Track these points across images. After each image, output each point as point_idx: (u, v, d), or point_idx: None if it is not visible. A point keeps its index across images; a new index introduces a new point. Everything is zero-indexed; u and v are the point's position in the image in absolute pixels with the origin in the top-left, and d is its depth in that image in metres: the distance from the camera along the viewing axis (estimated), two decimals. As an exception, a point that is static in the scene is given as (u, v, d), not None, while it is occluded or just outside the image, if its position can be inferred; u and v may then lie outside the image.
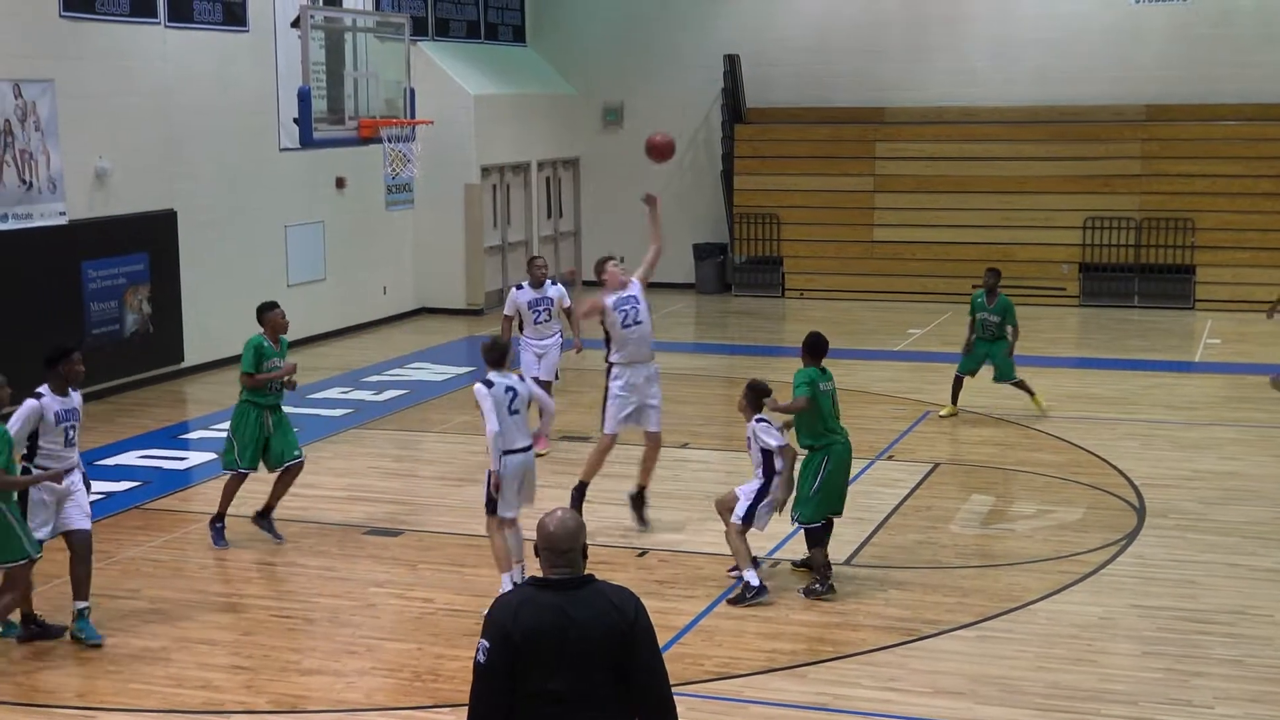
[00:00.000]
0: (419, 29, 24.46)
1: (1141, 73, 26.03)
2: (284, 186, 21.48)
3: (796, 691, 8.98)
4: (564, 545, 5.11)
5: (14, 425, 9.64)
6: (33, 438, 9.76)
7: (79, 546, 9.93)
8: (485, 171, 25.57)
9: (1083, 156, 25.88)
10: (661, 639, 9.63)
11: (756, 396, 10.72)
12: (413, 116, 19.60)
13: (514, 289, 15.58)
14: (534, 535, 5.24)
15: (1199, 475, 14.18)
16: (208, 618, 10.41)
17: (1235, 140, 25.48)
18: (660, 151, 12.87)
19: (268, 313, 12.15)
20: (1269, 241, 24.91)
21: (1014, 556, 11.73)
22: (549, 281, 15.63)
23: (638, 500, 12.50)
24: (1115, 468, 14.35)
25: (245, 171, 20.64)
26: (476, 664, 5.08)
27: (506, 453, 10.40)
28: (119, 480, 14.22)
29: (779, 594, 10.79)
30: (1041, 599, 10.64)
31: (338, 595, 10.96)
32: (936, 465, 14.54)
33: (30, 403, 9.76)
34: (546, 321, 15.46)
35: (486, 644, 5.05)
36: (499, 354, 10.81)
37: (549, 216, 28.18)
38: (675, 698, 5.27)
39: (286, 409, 12.32)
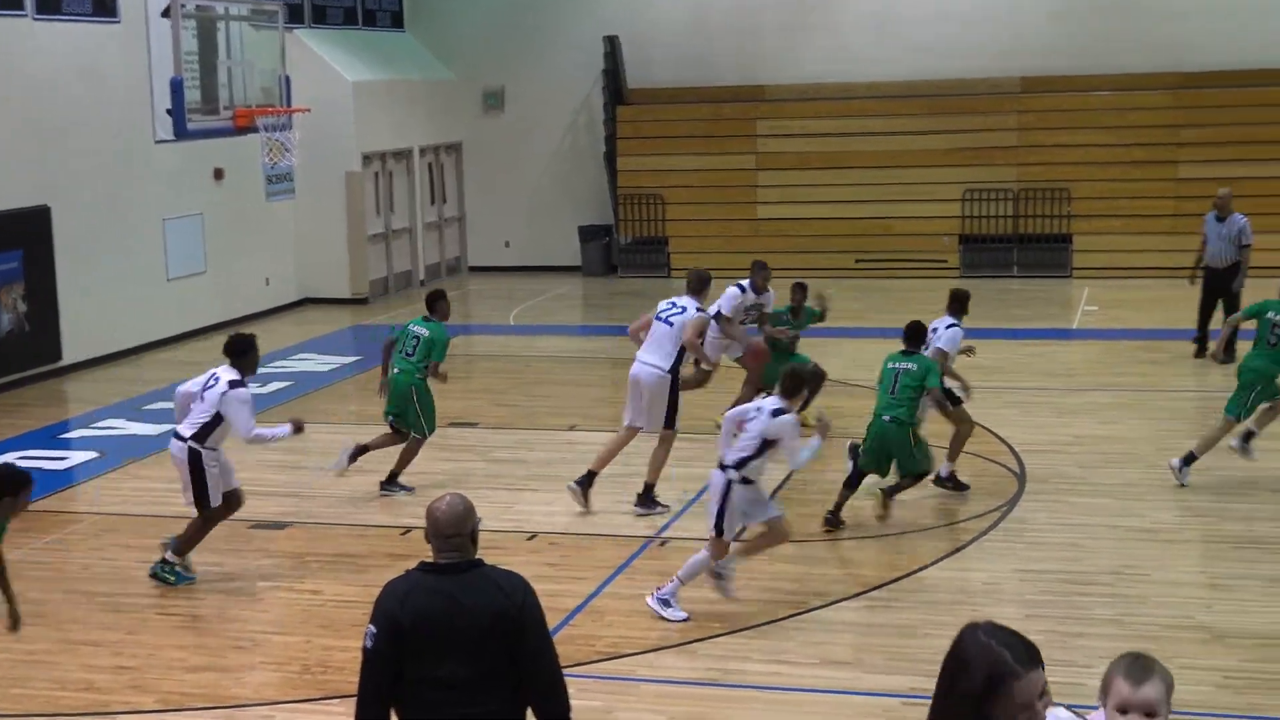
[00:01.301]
0: (295, 16, 24.18)
1: (1016, 45, 26.38)
2: (161, 179, 21.17)
3: (686, 668, 9.05)
4: (449, 530, 5.12)
5: (248, 415, 10.75)
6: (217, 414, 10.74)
7: (238, 503, 11.15)
8: (366, 159, 25.38)
9: (960, 129, 26.21)
10: (552, 621, 9.65)
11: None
12: (289, 105, 19.39)
13: (737, 290, 14.83)
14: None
15: (1078, 440, 14.45)
16: (92, 619, 10.27)
17: (1109, 110, 25.94)
18: (756, 356, 14.07)
19: (443, 300, 13.43)
20: (1142, 209, 25.39)
21: (899, 526, 11.88)
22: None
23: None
24: (997, 435, 14.56)
25: (121, 165, 20.31)
26: (364, 650, 5.08)
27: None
28: (-3, 482, 13.93)
29: (668, 574, 10.84)
30: (926, 567, 10.80)
31: (225, 591, 10.85)
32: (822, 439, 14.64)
33: (245, 391, 10.81)
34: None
35: (374, 630, 5.06)
36: (801, 383, 10.40)
37: (432, 203, 28.03)
38: (566, 679, 5.30)
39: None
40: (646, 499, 12.42)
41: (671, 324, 12.40)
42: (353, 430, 15.80)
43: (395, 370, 13.27)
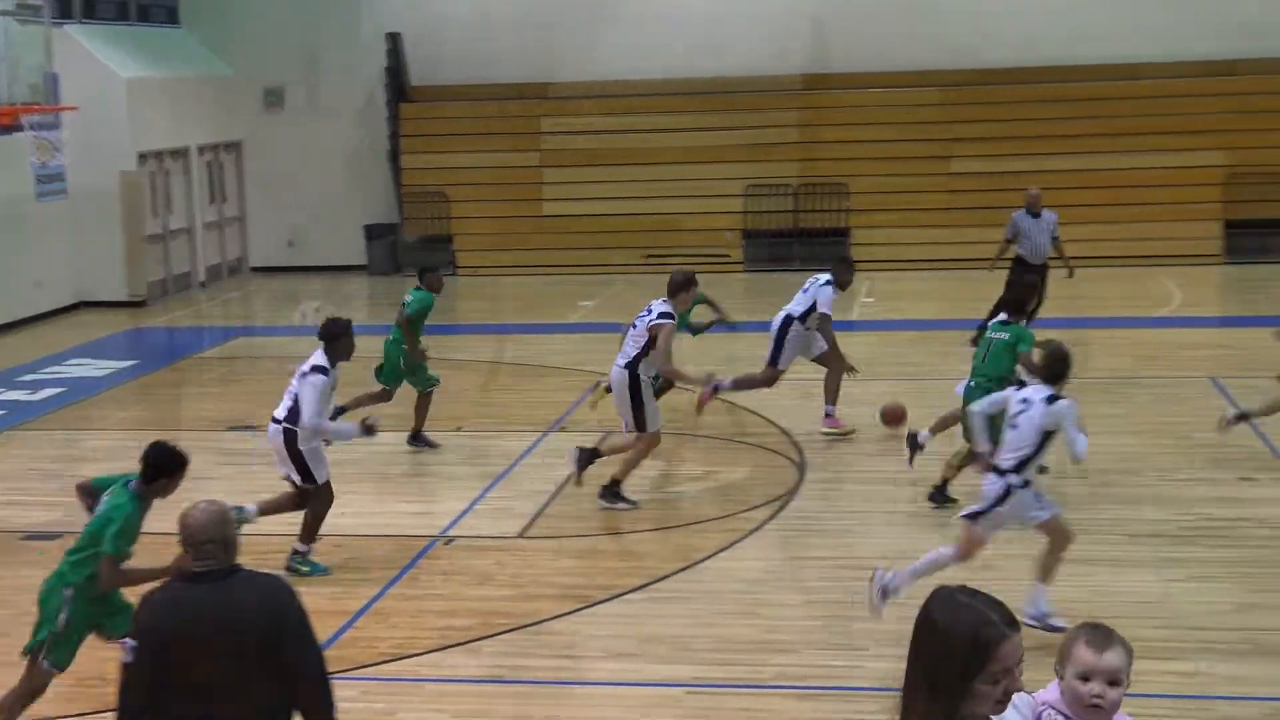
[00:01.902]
0: (64, 11, 23.47)
1: (797, 43, 26.86)
2: (-78, 180, 20.37)
3: (471, 666, 9.03)
4: (203, 537, 5.06)
5: (314, 401, 10.65)
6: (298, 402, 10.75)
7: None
8: (142, 158, 24.75)
9: (743, 126, 26.60)
10: (335, 623, 9.63)
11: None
12: (57, 102, 18.84)
13: (832, 289, 14.41)
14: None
15: (856, 428, 14.74)
16: None
17: (884, 107, 26.58)
18: (895, 418, 13.83)
19: (431, 273, 14.38)
20: (918, 203, 26.06)
21: (683, 518, 12.03)
22: None
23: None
24: (777, 426, 14.83)
25: (-123, 165, 19.49)
26: (124, 664, 4.98)
27: None
28: None
29: (454, 573, 10.83)
30: (709, 557, 10.94)
31: (-7, 604, 10.50)
32: (608, 433, 14.74)
33: (321, 378, 10.74)
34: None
35: (133, 643, 4.97)
36: (1067, 365, 9.50)
37: (212, 202, 27.46)
38: (349, 682, 5.28)
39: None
40: (610, 492, 12.23)
41: (635, 326, 12.35)
42: (132, 435, 15.44)
43: (389, 337, 14.20)
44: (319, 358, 10.89)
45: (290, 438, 10.79)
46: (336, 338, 11.02)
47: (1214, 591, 10.06)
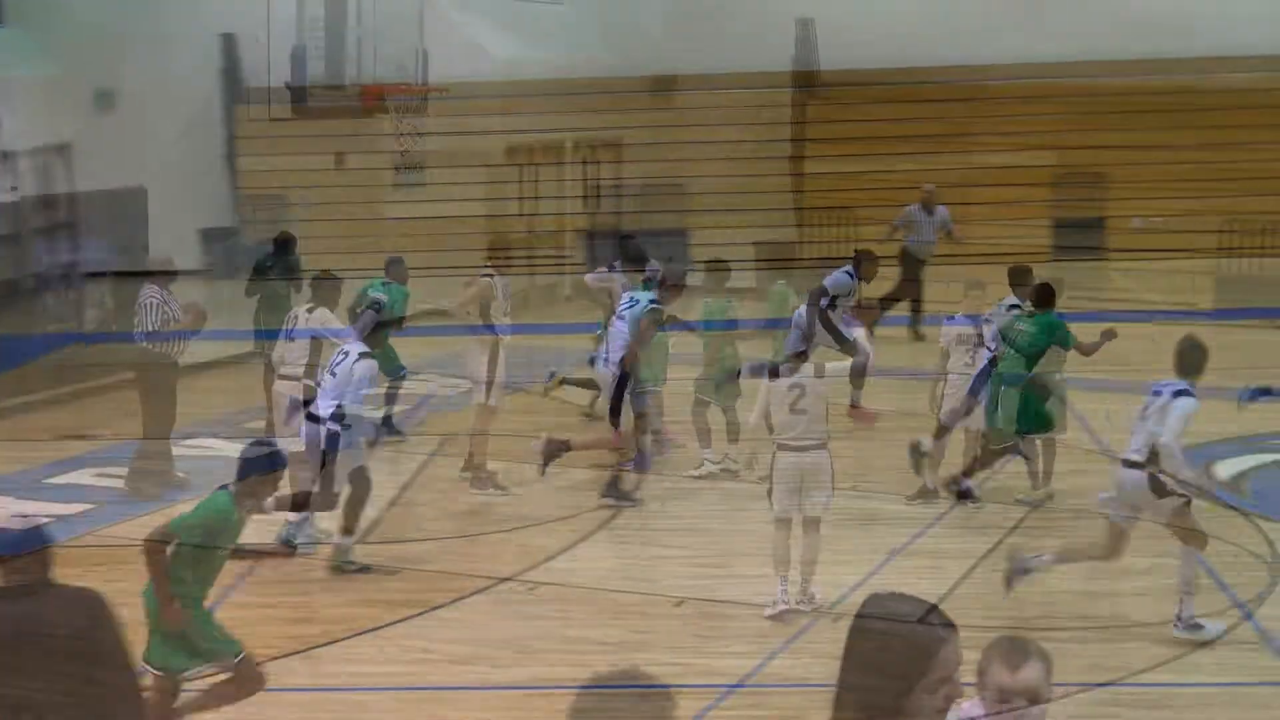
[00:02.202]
0: (-120, 9, 22.67)
1: (646, 42, 26.91)
2: None
3: (308, 675, 8.87)
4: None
5: (367, 387, 10.80)
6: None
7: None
8: (-33, 161, 24.00)
9: (588, 128, 26.58)
10: (170, 636, 9.33)
11: None
12: (-126, 103, 18.18)
13: (846, 276, 14.75)
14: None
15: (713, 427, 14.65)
16: None
17: (733, 108, 26.73)
18: None
19: (397, 265, 15.96)
20: (754, 203, 26.22)
21: (531, 519, 11.95)
22: None
23: None
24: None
25: None
26: (-55, 684, 4.80)
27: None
28: None
29: (301, 581, 10.65)
30: (551, 558, 10.88)
31: None
32: (449, 436, 14.64)
33: (373, 362, 10.85)
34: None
35: (-54, 660, 4.79)
36: (1205, 357, 9.39)
37: (41, 208, 26.69)
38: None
39: None
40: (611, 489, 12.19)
41: (624, 318, 12.35)
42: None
43: None
44: (360, 345, 10.83)
45: (334, 441, 10.53)
46: (376, 329, 11.22)
47: (1047, 580, 10.22)
